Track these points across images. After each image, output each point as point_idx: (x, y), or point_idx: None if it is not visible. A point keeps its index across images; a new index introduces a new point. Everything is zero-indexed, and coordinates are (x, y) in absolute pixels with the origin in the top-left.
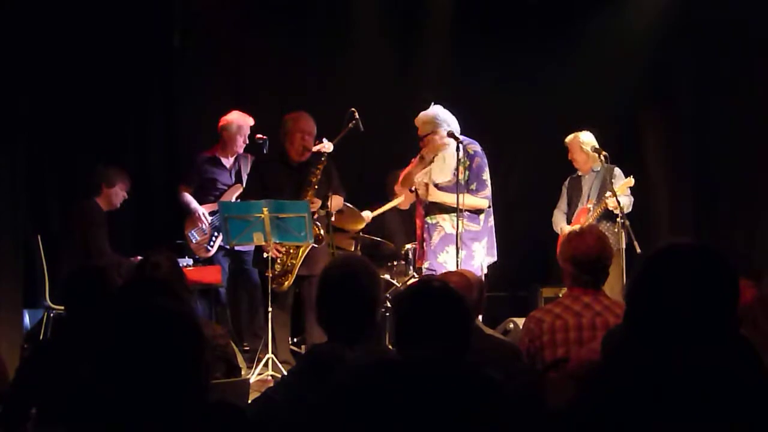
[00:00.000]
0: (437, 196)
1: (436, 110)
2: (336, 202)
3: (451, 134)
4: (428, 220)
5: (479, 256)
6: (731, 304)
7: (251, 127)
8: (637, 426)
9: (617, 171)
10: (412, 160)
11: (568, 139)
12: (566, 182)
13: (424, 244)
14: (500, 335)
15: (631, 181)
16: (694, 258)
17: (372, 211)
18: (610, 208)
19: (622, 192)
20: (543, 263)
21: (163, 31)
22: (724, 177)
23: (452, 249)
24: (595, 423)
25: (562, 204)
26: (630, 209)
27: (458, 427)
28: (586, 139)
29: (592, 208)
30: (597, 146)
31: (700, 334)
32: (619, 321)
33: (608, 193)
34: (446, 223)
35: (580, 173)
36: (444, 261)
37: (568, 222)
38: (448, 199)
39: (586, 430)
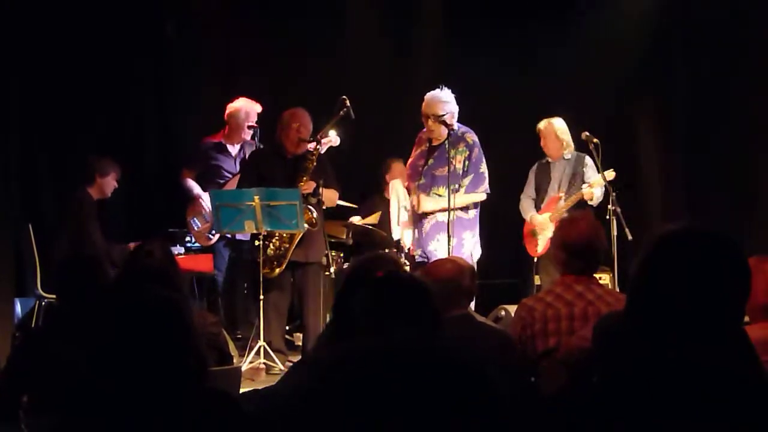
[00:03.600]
0: (428, 206)
1: (445, 95)
2: (330, 196)
3: (442, 122)
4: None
5: (468, 245)
6: (734, 296)
7: None
8: (631, 416)
9: (588, 160)
10: (413, 151)
11: (543, 125)
12: (534, 168)
13: (416, 231)
14: (492, 323)
15: (611, 173)
16: (696, 244)
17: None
18: (585, 199)
19: (599, 184)
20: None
21: (156, 20)
22: (717, 167)
23: (443, 237)
24: (587, 410)
25: (530, 190)
26: (600, 201)
27: (452, 416)
28: (561, 125)
29: (564, 197)
30: (569, 137)
31: (697, 329)
32: (612, 310)
33: (585, 185)
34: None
35: (549, 160)
36: (435, 249)
37: (538, 210)
38: (439, 205)
39: (579, 417)
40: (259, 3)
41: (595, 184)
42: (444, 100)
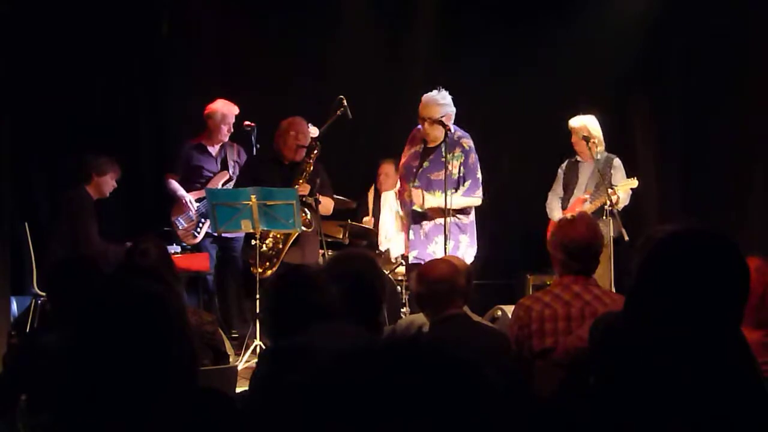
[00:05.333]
0: (432, 203)
1: (442, 96)
2: (325, 203)
3: (439, 122)
4: (417, 208)
5: (464, 248)
6: (732, 297)
7: (238, 115)
8: (628, 416)
9: (617, 162)
10: (405, 149)
11: (577, 124)
12: (563, 165)
13: (412, 233)
14: (488, 323)
15: (634, 182)
16: (695, 244)
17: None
18: (611, 203)
19: (623, 191)
20: (531, 251)
21: (150, 20)
22: (713, 163)
23: (440, 239)
24: (584, 410)
25: (558, 188)
26: (626, 203)
27: (451, 416)
28: (594, 125)
29: (589, 199)
30: (601, 135)
31: (695, 329)
32: (609, 311)
33: (611, 190)
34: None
35: (579, 159)
36: (433, 251)
37: (564, 209)
38: (440, 203)
39: (576, 417)
40: (255, 3)
41: (620, 189)
42: (441, 103)
